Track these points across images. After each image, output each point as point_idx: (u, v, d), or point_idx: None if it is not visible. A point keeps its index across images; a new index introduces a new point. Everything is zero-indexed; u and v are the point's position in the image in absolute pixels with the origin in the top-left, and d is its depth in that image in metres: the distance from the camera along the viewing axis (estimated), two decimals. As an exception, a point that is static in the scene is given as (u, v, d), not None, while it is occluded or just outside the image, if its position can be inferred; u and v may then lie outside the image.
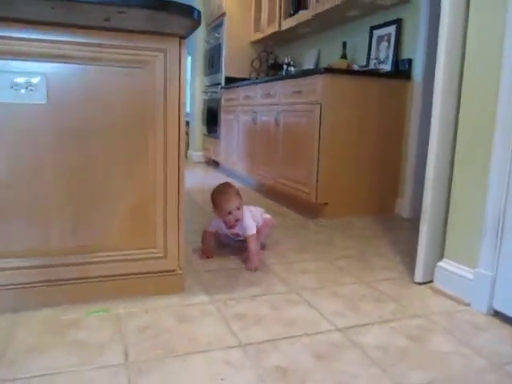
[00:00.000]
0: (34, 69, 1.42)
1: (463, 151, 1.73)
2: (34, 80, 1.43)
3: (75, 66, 1.47)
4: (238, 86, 4.49)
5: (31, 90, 1.43)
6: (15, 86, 1.41)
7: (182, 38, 1.57)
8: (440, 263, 1.83)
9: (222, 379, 1.16)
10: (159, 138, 1.58)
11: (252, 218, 2.11)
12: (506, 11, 1.51)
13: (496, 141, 1.56)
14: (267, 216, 2.29)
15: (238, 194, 2.08)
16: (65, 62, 1.45)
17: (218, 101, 5.13)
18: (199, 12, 1.43)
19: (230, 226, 2.08)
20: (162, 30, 1.50)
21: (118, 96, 1.53)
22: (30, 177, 1.46)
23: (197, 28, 1.51)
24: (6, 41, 1.36)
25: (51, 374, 1.15)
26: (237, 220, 2.05)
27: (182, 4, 1.36)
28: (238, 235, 2.13)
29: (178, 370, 1.19)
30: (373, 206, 3.15)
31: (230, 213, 2.03)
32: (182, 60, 1.57)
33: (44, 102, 1.44)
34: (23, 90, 1.42)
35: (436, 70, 1.78)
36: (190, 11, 1.39)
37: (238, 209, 2.04)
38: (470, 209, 1.70)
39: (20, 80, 1.41)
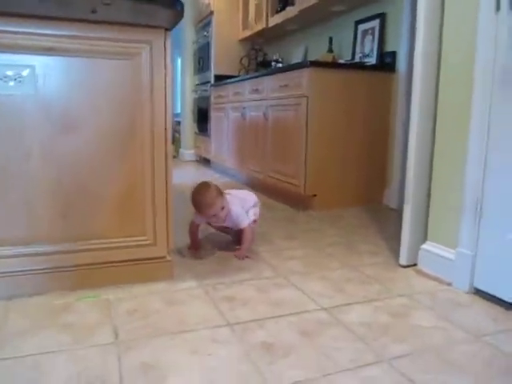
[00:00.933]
0: (23, 61, 1.46)
1: (442, 135, 1.78)
2: (23, 72, 1.47)
3: (63, 58, 1.50)
4: (227, 83, 4.53)
5: (20, 81, 1.46)
6: (4, 78, 1.44)
7: (167, 29, 1.61)
8: (423, 246, 1.88)
9: (209, 354, 1.20)
10: (146, 127, 1.62)
11: (240, 206, 2.08)
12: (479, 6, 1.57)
13: (472, 125, 1.61)
14: (256, 213, 2.19)
15: (218, 193, 1.98)
16: (53, 55, 1.49)
17: (208, 99, 5.16)
18: (182, 3, 1.48)
19: (216, 222, 2.09)
20: (147, 22, 1.54)
21: (106, 87, 1.56)
22: (18, 165, 1.49)
23: (180, 19, 1.55)
24: (-5, 34, 1.40)
25: (42, 353, 1.19)
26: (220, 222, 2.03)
27: (165, -5, 1.40)
28: (228, 227, 2.16)
29: (166, 346, 1.24)
30: (361, 197, 3.20)
31: (214, 215, 1.98)
32: (167, 51, 1.61)
33: (32, 93, 1.48)
34: (12, 82, 1.46)
35: (414, 61, 1.84)
36: (172, 3, 1.43)
37: (223, 208, 1.97)
38: (450, 191, 1.75)
39: (9, 72, 1.45)
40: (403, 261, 1.93)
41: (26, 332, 1.29)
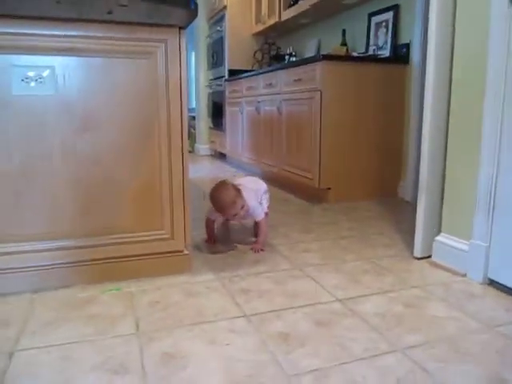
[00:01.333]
0: (43, 62, 1.51)
1: (456, 127, 1.79)
2: (44, 73, 1.52)
3: (81, 58, 1.55)
4: (241, 78, 4.56)
5: (41, 82, 1.51)
6: (26, 79, 1.49)
7: (182, 28, 1.64)
8: (437, 238, 1.89)
9: (227, 344, 1.24)
10: (163, 124, 1.66)
11: (256, 199, 2.11)
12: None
13: (486, 117, 1.62)
14: (267, 198, 2.26)
15: (237, 192, 1.99)
16: (72, 55, 1.53)
17: (223, 93, 5.20)
18: (196, 3, 1.51)
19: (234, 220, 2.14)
20: (162, 21, 1.58)
21: (123, 85, 1.61)
22: (41, 163, 1.54)
23: (194, 18, 1.59)
24: (16, 36, 1.45)
25: (69, 343, 1.24)
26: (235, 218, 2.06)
27: (180, -4, 1.44)
28: (244, 219, 2.20)
29: (185, 337, 1.28)
30: (376, 190, 3.21)
31: (235, 215, 2.01)
32: (181, 49, 1.64)
33: (53, 93, 1.53)
34: (33, 83, 1.51)
35: (428, 51, 1.85)
36: (186, 3, 1.47)
37: (242, 207, 1.99)
38: (463, 183, 1.76)
39: (30, 73, 1.50)
40: (417, 253, 1.94)
41: (52, 323, 1.35)
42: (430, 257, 1.93)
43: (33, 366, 1.14)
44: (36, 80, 1.51)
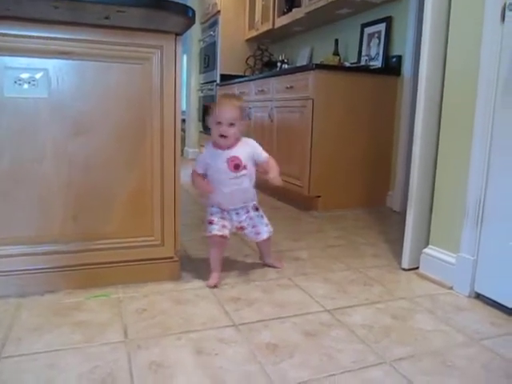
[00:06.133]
0: (37, 65, 1.50)
1: (446, 141, 1.81)
2: (37, 75, 1.50)
3: (76, 62, 1.54)
4: (232, 83, 4.57)
5: (34, 84, 1.50)
6: (19, 81, 1.48)
7: (178, 34, 1.64)
8: (425, 250, 1.91)
9: (216, 354, 1.24)
10: (156, 130, 1.65)
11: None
12: (484, 12, 1.60)
13: (476, 132, 1.64)
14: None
15: (240, 108, 1.71)
16: (66, 58, 1.53)
17: (214, 98, 5.20)
18: (193, 11, 1.51)
19: (221, 147, 1.70)
20: (158, 27, 1.58)
21: (117, 90, 1.60)
22: (31, 166, 1.53)
23: (191, 26, 1.59)
24: (10, 38, 1.44)
25: (55, 350, 1.23)
26: (221, 136, 1.66)
27: (177, 3, 1.44)
28: (238, 166, 1.75)
29: (174, 346, 1.27)
30: (364, 199, 3.23)
31: (218, 122, 1.66)
32: (177, 55, 1.65)
33: (46, 96, 1.51)
34: (26, 85, 1.50)
35: (420, 64, 1.87)
36: (184, 10, 1.47)
37: (231, 124, 1.66)
38: (452, 196, 1.78)
39: (24, 75, 1.49)
40: (405, 264, 1.96)
41: (38, 329, 1.33)
42: (417, 268, 1.94)
43: (18, 373, 1.12)
44: (29, 82, 1.50)
